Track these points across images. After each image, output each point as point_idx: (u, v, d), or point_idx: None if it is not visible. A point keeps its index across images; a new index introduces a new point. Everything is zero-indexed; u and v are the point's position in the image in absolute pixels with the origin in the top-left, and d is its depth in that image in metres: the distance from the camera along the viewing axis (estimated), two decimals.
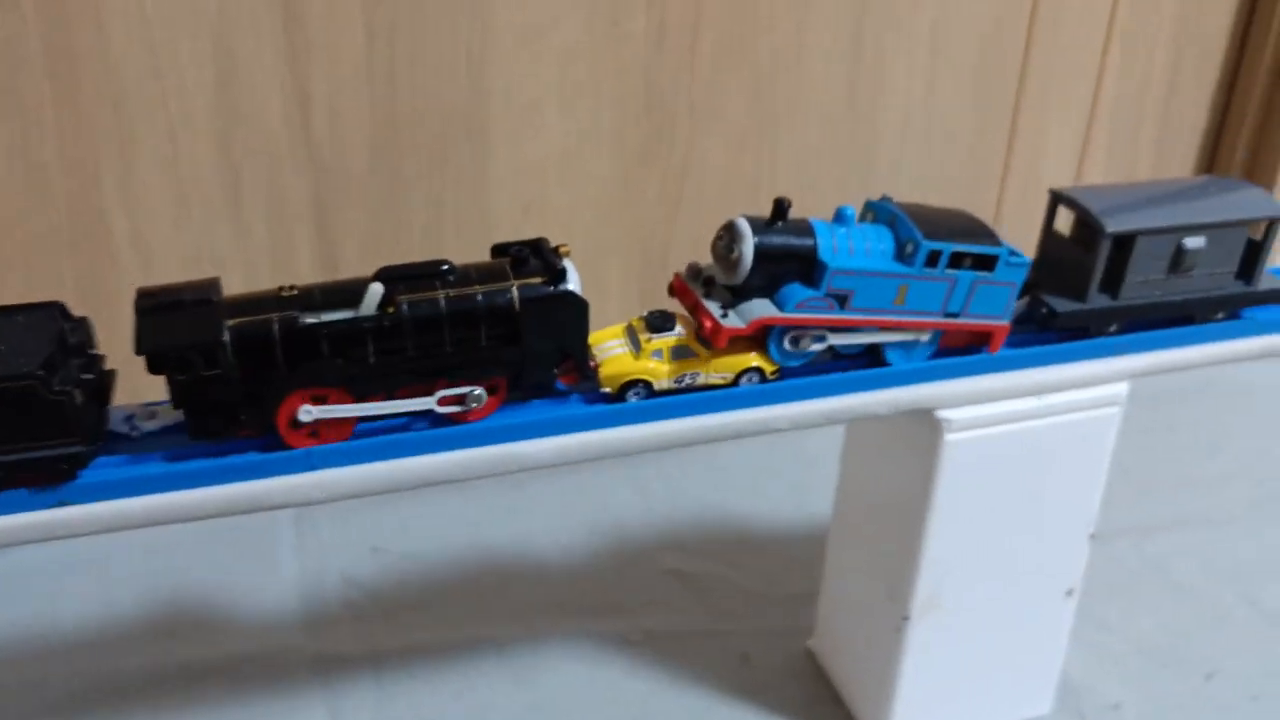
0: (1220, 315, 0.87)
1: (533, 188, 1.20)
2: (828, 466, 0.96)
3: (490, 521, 1.20)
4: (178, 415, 0.67)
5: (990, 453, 0.81)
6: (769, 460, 1.33)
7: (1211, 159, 1.61)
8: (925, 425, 0.79)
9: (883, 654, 0.89)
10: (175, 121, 1.07)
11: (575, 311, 0.70)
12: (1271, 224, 0.85)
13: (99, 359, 0.67)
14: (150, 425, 0.68)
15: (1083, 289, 0.82)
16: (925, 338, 0.79)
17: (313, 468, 0.67)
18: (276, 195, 1.13)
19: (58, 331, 0.64)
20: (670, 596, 1.10)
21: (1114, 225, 0.80)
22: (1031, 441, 0.82)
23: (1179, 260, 0.82)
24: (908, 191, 1.41)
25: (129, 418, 0.68)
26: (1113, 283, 0.82)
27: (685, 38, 1.20)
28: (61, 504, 0.64)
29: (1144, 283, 0.83)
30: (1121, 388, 0.83)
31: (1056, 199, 0.86)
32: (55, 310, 0.66)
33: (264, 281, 0.68)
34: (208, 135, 1.08)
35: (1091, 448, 0.84)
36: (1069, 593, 0.91)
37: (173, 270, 1.12)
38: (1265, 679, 1.03)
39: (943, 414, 0.78)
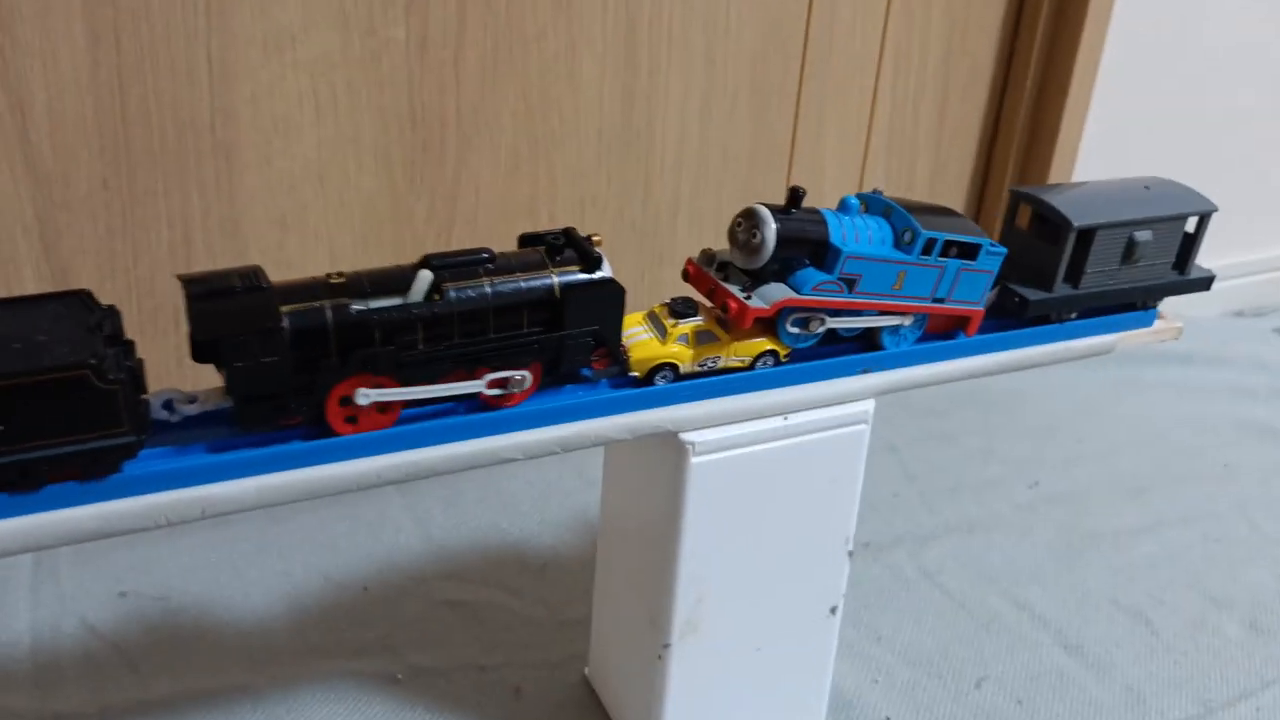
0: (1152, 302, 0.95)
1: (287, 202, 1.14)
2: None
3: (251, 559, 1.12)
4: (218, 401, 0.66)
5: (739, 474, 0.79)
6: (556, 481, 1.29)
7: (986, 168, 1.67)
8: (672, 449, 0.77)
9: (648, 681, 0.86)
10: None
11: (613, 298, 0.72)
12: (1203, 218, 0.95)
13: (131, 346, 0.63)
14: (191, 410, 0.66)
15: (1048, 280, 0.88)
16: (909, 322, 0.83)
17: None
18: None
19: (91, 320, 0.61)
20: (443, 629, 1.05)
21: (1080, 220, 0.86)
22: (780, 462, 0.80)
23: (1130, 252, 0.90)
24: (687, 209, 1.41)
25: (168, 403, 0.66)
26: (1074, 274, 0.89)
27: (449, 48, 1.16)
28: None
29: (1100, 273, 0.90)
30: (868, 405, 0.82)
31: (1017, 197, 0.92)
32: (82, 299, 0.63)
33: None
34: None
35: (842, 465, 0.84)
36: (833, 610, 0.91)
37: None
38: (1030, 682, 1.06)
39: (687, 437, 0.76)
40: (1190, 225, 0.95)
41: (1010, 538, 1.27)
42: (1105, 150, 1.68)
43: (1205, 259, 0.98)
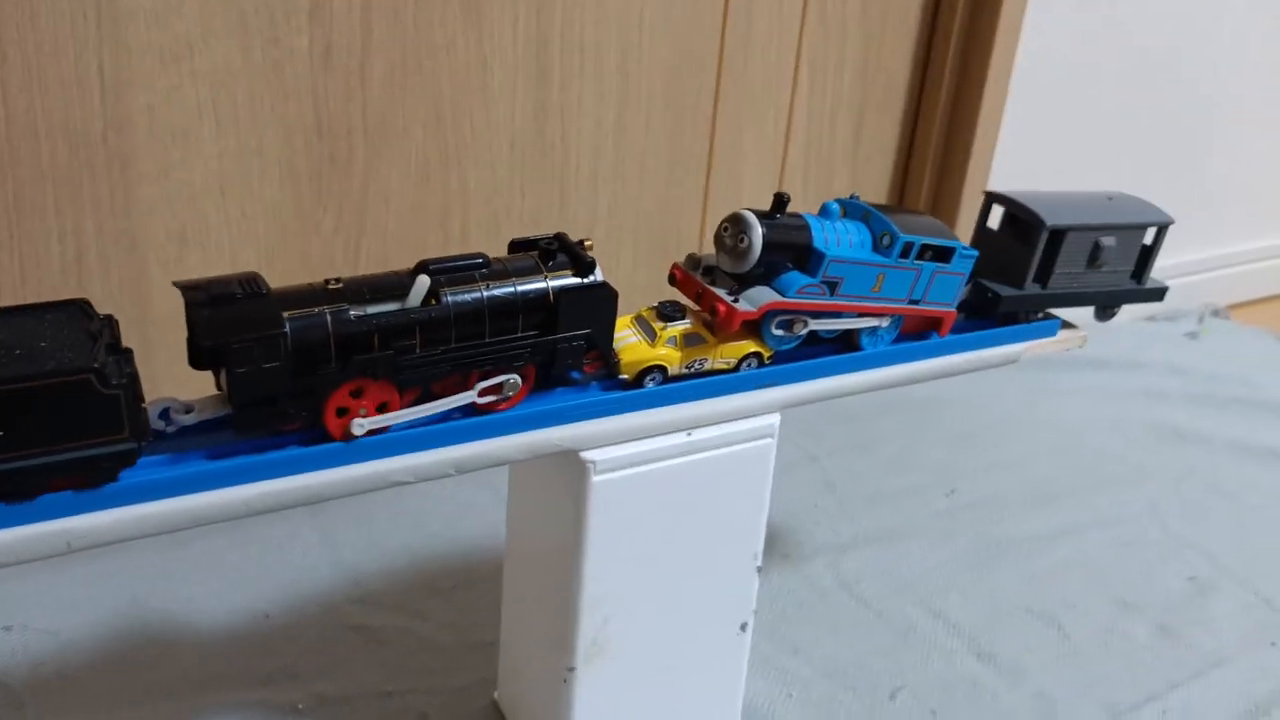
0: (1113, 308, 0.99)
1: (187, 215, 1.10)
2: None
3: (150, 587, 1.08)
4: (215, 410, 0.66)
5: (642, 492, 0.78)
6: (469, 499, 1.27)
7: (903, 181, 1.68)
8: (573, 467, 0.75)
9: (555, 705, 0.85)
10: None
11: (606, 302, 0.73)
12: (1161, 229, 0.98)
13: (130, 354, 0.62)
14: (187, 419, 0.66)
15: (1019, 278, 0.92)
16: (887, 323, 0.86)
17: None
18: None
19: (90, 328, 0.61)
20: (350, 656, 1.02)
21: (1052, 220, 0.90)
22: (685, 478, 0.79)
23: (1095, 256, 0.94)
24: (605, 222, 1.40)
25: (164, 412, 0.66)
26: (1043, 273, 0.92)
27: (354, 57, 1.14)
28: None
29: (1067, 274, 0.94)
30: (773, 419, 0.82)
31: (991, 199, 0.96)
32: (81, 306, 0.63)
33: None
34: None
35: (748, 481, 0.83)
36: (743, 627, 0.90)
37: None
38: (944, 692, 1.06)
39: (588, 455, 0.75)
40: (1149, 237, 0.99)
41: (927, 546, 1.27)
42: (1019, 163, 1.70)
43: None
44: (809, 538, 1.28)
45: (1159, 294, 1.02)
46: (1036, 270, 0.92)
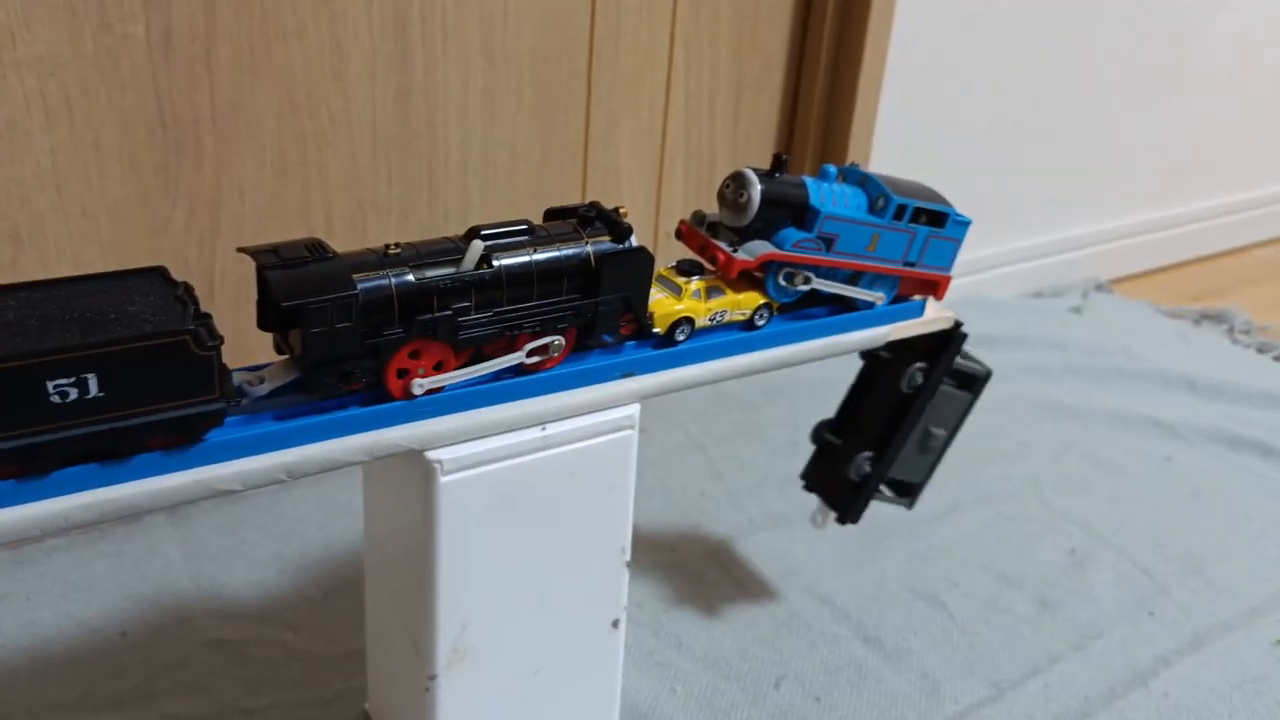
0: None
1: (20, 215, 1.04)
2: None
3: None
4: (284, 377, 0.68)
5: (496, 491, 0.74)
6: (346, 502, 1.22)
7: (788, 152, 1.67)
8: (419, 468, 0.72)
9: (418, 714, 0.81)
10: None
11: (644, 266, 0.76)
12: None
13: (211, 319, 0.62)
14: (260, 389, 0.68)
15: None
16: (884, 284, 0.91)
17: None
18: None
19: (176, 294, 0.63)
20: (207, 673, 0.97)
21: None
22: (541, 475, 0.76)
23: None
24: (479, 209, 1.36)
25: (238, 387, 0.68)
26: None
27: (198, 43, 1.08)
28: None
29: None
30: (632, 410, 0.79)
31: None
32: (161, 273, 0.65)
33: None
34: None
35: (611, 474, 0.80)
36: (614, 624, 0.87)
37: None
38: (828, 677, 1.05)
39: (434, 455, 0.71)
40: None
41: (813, 532, 1.26)
42: (898, 140, 1.70)
43: (1005, 241, 1.00)
44: (695, 527, 1.26)
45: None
46: None
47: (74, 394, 0.57)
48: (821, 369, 1.58)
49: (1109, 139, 2.06)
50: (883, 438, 1.02)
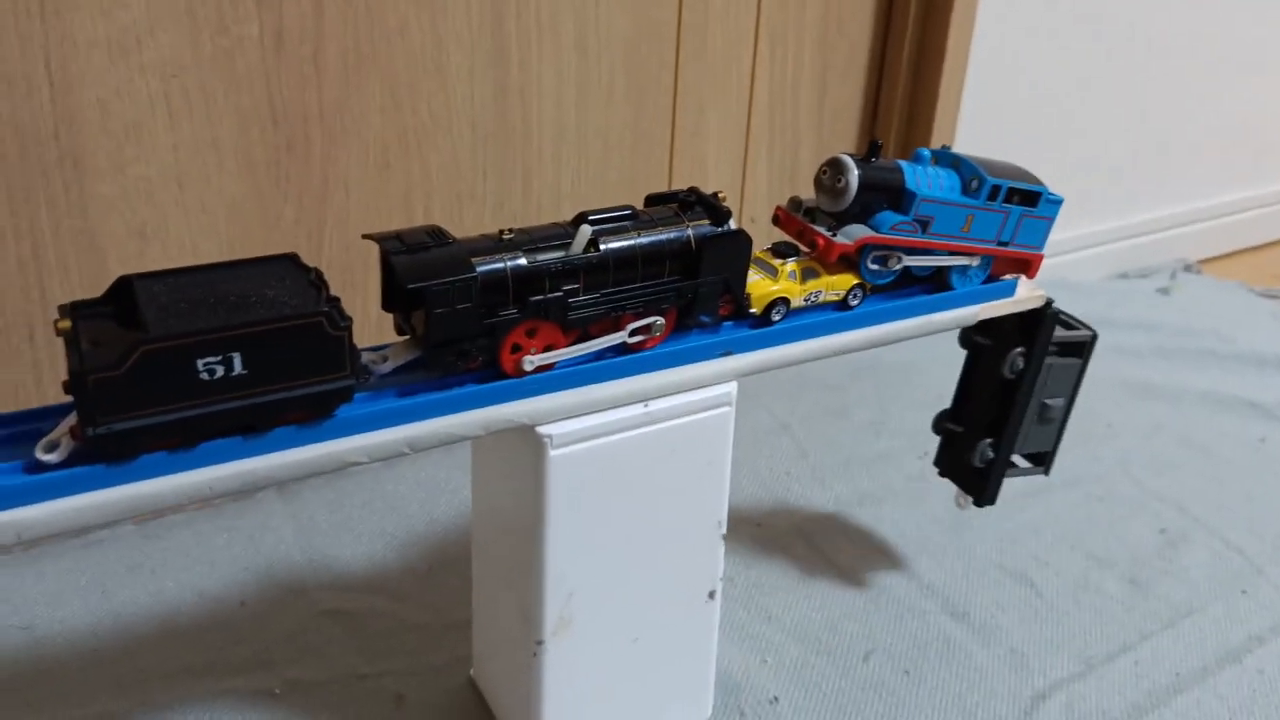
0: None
1: (146, 211, 1.10)
2: None
3: (122, 580, 1.09)
4: (406, 356, 0.73)
5: (601, 465, 0.78)
6: (444, 480, 1.27)
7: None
8: (530, 443, 0.76)
9: (525, 680, 0.85)
10: None
11: (743, 249, 0.79)
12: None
13: (340, 302, 0.67)
14: (384, 368, 0.72)
15: None
16: (976, 263, 0.92)
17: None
18: None
19: (309, 278, 0.67)
20: (323, 640, 1.03)
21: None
22: (643, 450, 0.80)
23: None
24: (570, 200, 1.40)
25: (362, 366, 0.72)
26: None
27: (307, 44, 1.13)
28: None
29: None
30: (730, 387, 0.82)
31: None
32: (293, 259, 0.69)
33: None
34: None
35: (709, 449, 0.83)
36: (711, 595, 0.91)
37: None
38: (917, 651, 1.07)
39: (544, 430, 0.75)
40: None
41: (900, 509, 1.28)
42: (984, 126, 1.70)
43: (1091, 223, 1.01)
44: (782, 505, 1.29)
45: None
46: None
47: (220, 371, 0.62)
48: (905, 351, 1.60)
49: (1195, 117, 2.03)
50: (998, 423, 1.04)
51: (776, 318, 0.84)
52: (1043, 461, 1.10)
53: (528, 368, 0.74)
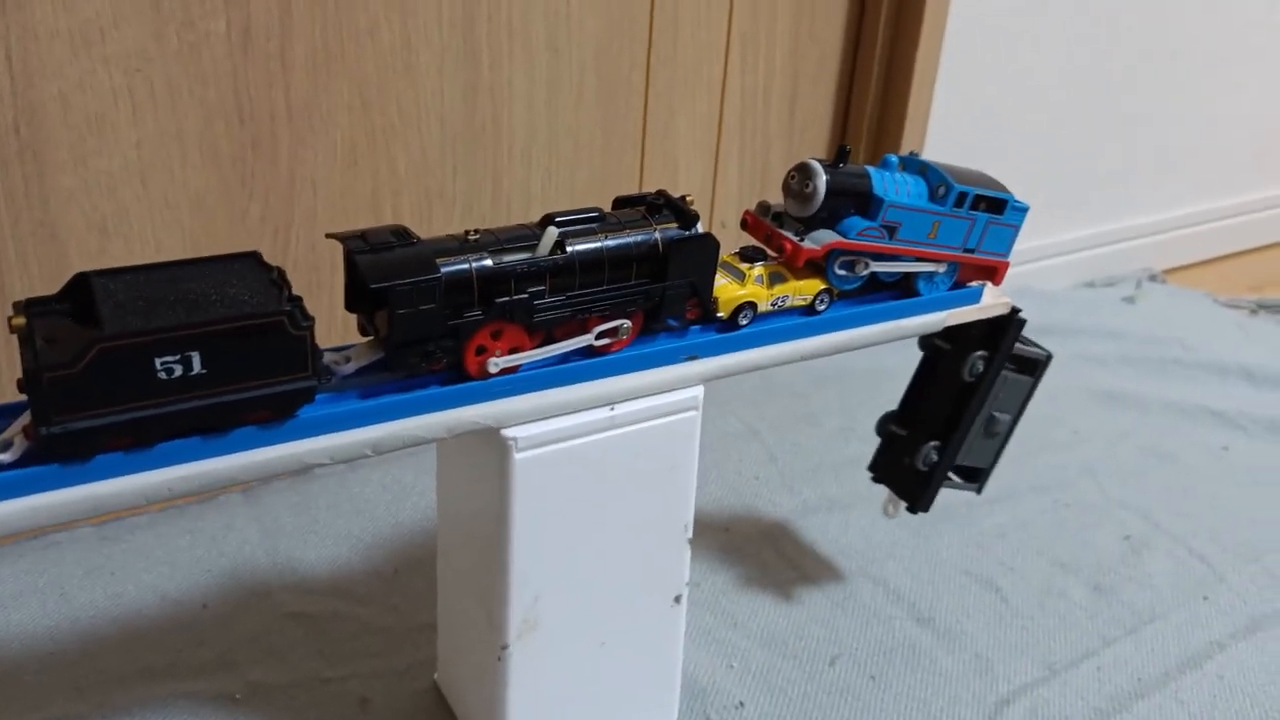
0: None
1: (108, 205, 1.09)
2: None
3: (80, 582, 1.07)
4: (369, 356, 0.72)
5: (567, 468, 0.78)
6: (411, 482, 1.26)
7: (843, 143, 1.68)
8: (495, 445, 0.75)
9: (490, 683, 0.85)
10: None
11: (710, 252, 0.79)
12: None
13: (302, 301, 0.66)
14: (347, 368, 0.72)
15: None
16: (943, 270, 0.93)
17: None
18: None
19: (271, 277, 0.67)
20: (286, 643, 1.02)
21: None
22: (609, 453, 0.79)
23: None
24: (540, 201, 1.39)
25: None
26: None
27: (274, 40, 1.12)
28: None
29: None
30: (697, 391, 0.82)
31: None
32: (255, 258, 0.69)
33: None
34: None
35: (675, 453, 0.83)
36: (677, 599, 0.90)
37: None
38: (883, 657, 1.07)
39: (509, 433, 0.75)
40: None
41: (868, 515, 1.28)
42: (954, 132, 1.71)
43: (1057, 232, 1.01)
44: (749, 510, 1.29)
45: None
46: None
47: (179, 370, 0.61)
48: (872, 358, 1.60)
49: (1162, 129, 2.05)
50: (947, 426, 1.04)
51: (744, 322, 0.84)
52: (976, 478, 1.11)
53: (492, 370, 0.73)
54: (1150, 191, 2.11)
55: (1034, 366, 1.04)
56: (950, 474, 1.08)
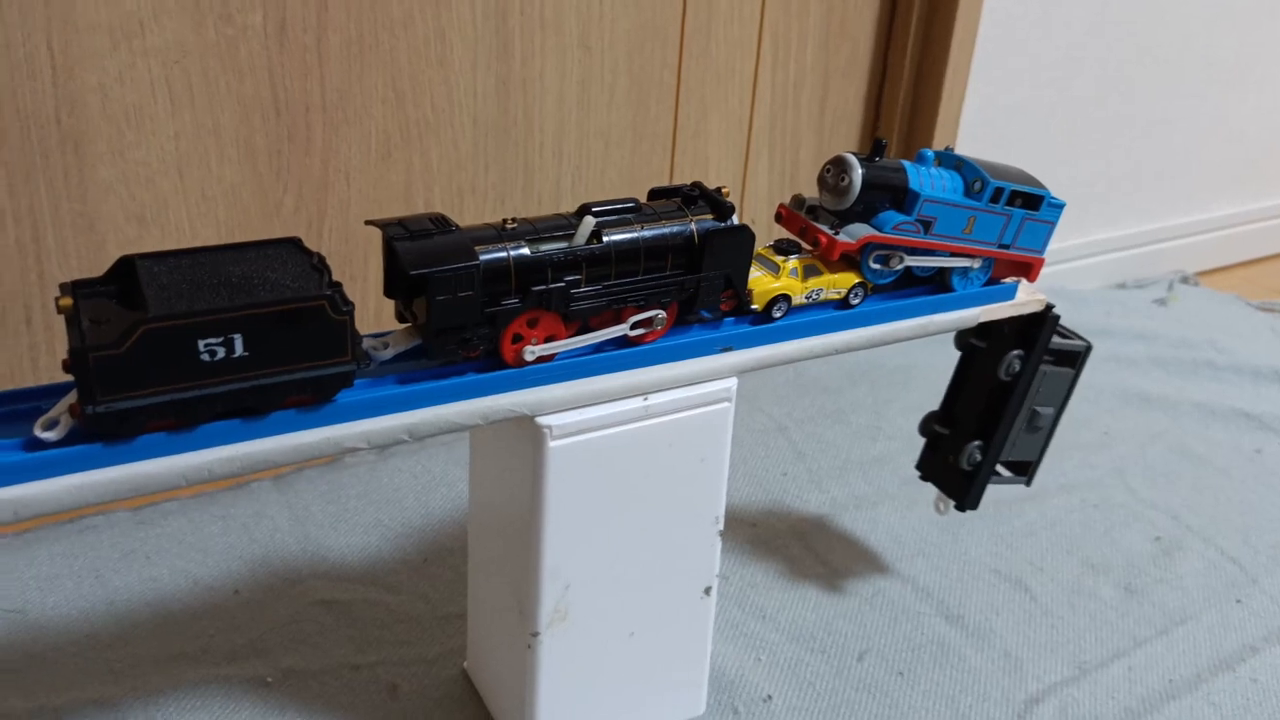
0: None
1: (145, 196, 1.10)
2: None
3: (115, 566, 1.08)
4: (407, 343, 0.73)
5: (600, 457, 0.78)
6: (440, 472, 1.27)
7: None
8: (530, 433, 0.76)
9: (520, 671, 0.85)
10: None
11: (745, 244, 0.79)
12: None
13: (342, 287, 0.66)
14: (385, 354, 0.73)
15: None
16: (978, 265, 0.92)
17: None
18: None
19: (311, 262, 0.67)
20: (317, 630, 1.03)
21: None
22: (642, 443, 0.79)
23: None
24: (570, 196, 1.40)
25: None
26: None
27: (310, 34, 1.13)
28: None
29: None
30: (730, 383, 0.82)
31: None
32: (296, 244, 0.69)
33: None
34: None
35: (708, 444, 0.83)
36: (706, 590, 0.90)
37: None
38: (911, 653, 1.06)
39: (544, 420, 0.75)
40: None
41: (896, 512, 1.28)
42: (986, 128, 1.70)
43: (1089, 233, 1.01)
44: (778, 506, 1.29)
45: None
46: None
47: (222, 353, 0.62)
48: (904, 354, 1.60)
49: (1195, 130, 2.03)
50: (989, 426, 1.04)
51: (778, 314, 0.84)
52: (1025, 471, 1.10)
53: (528, 358, 0.73)
54: (1183, 193, 2.09)
55: (1074, 359, 1.04)
56: (999, 468, 1.08)
